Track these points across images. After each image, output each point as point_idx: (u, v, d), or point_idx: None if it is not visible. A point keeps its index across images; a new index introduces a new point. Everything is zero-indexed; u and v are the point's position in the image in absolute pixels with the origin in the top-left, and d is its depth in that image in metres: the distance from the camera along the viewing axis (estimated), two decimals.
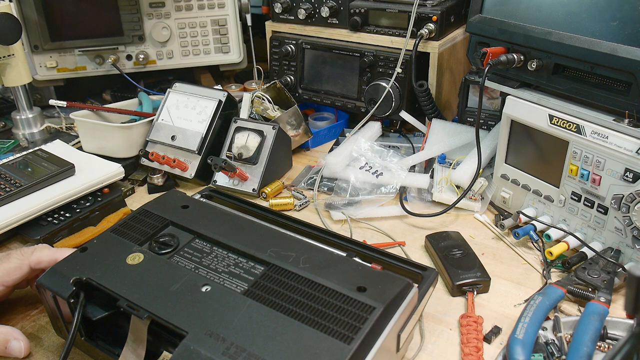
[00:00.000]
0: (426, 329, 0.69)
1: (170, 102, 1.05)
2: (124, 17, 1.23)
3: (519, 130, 0.84)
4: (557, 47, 0.74)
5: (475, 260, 0.77)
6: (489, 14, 0.83)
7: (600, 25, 0.70)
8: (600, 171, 0.73)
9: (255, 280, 0.58)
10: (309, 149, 1.17)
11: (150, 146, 1.04)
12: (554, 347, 0.62)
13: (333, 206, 0.94)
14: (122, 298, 0.56)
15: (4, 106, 1.34)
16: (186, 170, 1.01)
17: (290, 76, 1.21)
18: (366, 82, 1.11)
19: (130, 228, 0.67)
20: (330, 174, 1.02)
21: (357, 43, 1.13)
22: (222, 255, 0.62)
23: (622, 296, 0.72)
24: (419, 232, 0.88)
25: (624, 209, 0.71)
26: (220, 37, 1.29)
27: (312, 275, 0.57)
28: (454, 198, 0.91)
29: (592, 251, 0.75)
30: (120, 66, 1.26)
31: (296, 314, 0.52)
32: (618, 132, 0.70)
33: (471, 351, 0.64)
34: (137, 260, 0.61)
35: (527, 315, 0.64)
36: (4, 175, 0.91)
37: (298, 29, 1.20)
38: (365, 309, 0.52)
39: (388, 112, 1.09)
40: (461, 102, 1.05)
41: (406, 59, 1.06)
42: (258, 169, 0.99)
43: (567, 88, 0.76)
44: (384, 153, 1.04)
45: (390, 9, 1.07)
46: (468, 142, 1.00)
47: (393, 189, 0.96)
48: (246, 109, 1.08)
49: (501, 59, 0.79)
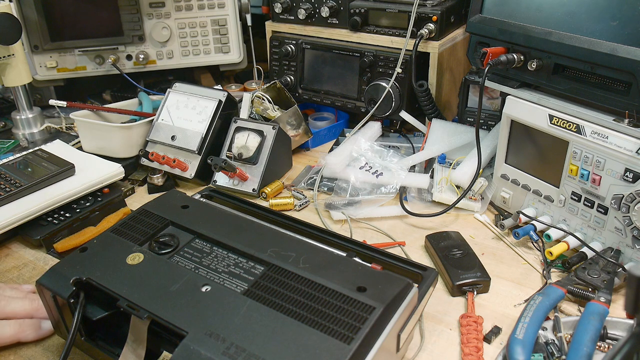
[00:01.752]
0: (426, 329, 0.69)
1: (170, 102, 1.05)
2: (124, 17, 1.23)
3: (519, 130, 0.84)
4: (557, 47, 0.74)
5: (475, 260, 0.77)
6: (489, 14, 0.83)
7: (600, 25, 0.70)
8: (600, 171, 0.73)
9: (255, 280, 0.58)
10: (309, 149, 1.17)
11: (150, 146, 1.04)
12: (554, 347, 0.62)
13: (333, 206, 0.94)
14: (122, 298, 0.56)
15: (4, 106, 1.34)
16: (186, 170, 1.01)
17: (290, 76, 1.21)
18: (366, 82, 1.11)
19: (130, 228, 0.67)
20: (330, 174, 1.02)
21: (357, 43, 1.13)
22: (222, 255, 0.62)
23: (622, 296, 0.72)
24: (419, 232, 0.88)
25: (624, 209, 0.71)
26: (220, 37, 1.29)
27: (312, 275, 0.57)
28: (454, 198, 0.91)
29: (592, 251, 0.75)
30: (120, 66, 1.26)
31: (296, 314, 0.52)
32: (618, 132, 0.70)
33: (471, 351, 0.64)
34: (137, 260, 0.61)
35: (527, 315, 0.63)
36: (4, 175, 0.92)
37: (298, 29, 1.20)
38: (365, 309, 0.52)
39: (388, 112, 1.09)
40: (461, 102, 1.05)
41: (406, 59, 1.06)
42: (258, 169, 0.99)
43: (567, 88, 0.76)
44: (384, 153, 1.04)
45: (390, 9, 1.07)
46: (468, 142, 1.00)
47: (393, 189, 0.96)
48: (246, 109, 1.08)
49: (501, 59, 0.79)
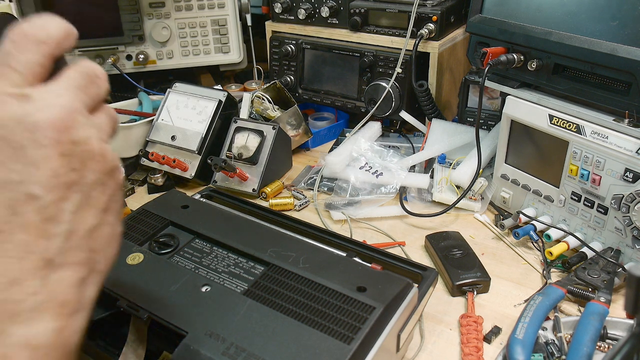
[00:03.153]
0: (426, 329, 0.69)
1: (170, 102, 1.05)
2: (124, 17, 1.23)
3: (519, 130, 0.84)
4: (557, 47, 0.74)
5: (475, 260, 0.77)
6: (489, 14, 0.83)
7: (600, 25, 0.70)
8: (600, 171, 0.73)
9: (255, 280, 0.58)
10: (309, 149, 1.17)
11: (150, 146, 1.04)
12: (554, 347, 0.62)
13: (333, 206, 0.94)
14: (122, 298, 0.56)
15: None
16: (186, 170, 1.01)
17: (290, 76, 1.21)
18: (366, 82, 1.11)
19: (130, 228, 0.67)
20: (330, 174, 1.02)
21: (357, 43, 1.13)
22: (222, 255, 0.62)
23: (622, 296, 0.72)
24: (419, 232, 0.88)
25: (624, 209, 0.71)
26: (220, 37, 1.29)
27: (312, 275, 0.57)
28: (454, 198, 0.91)
29: (592, 251, 0.75)
30: (120, 66, 1.26)
31: (296, 314, 0.52)
32: (618, 132, 0.70)
33: (471, 351, 0.64)
34: (137, 260, 0.61)
35: (527, 315, 0.63)
36: None
37: (298, 29, 1.20)
38: (365, 309, 0.52)
39: (388, 112, 1.09)
40: (461, 102, 1.05)
41: (406, 59, 1.06)
42: (258, 169, 0.99)
43: (567, 88, 0.76)
44: (384, 153, 1.04)
45: (390, 9, 1.07)
46: (468, 142, 1.00)
47: (393, 189, 0.96)
48: (246, 109, 1.08)
49: (501, 59, 0.79)
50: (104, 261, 0.35)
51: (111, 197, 0.35)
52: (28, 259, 0.29)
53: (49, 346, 0.29)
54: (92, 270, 0.33)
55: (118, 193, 0.36)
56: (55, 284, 0.30)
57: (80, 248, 0.32)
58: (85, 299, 0.33)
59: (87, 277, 0.33)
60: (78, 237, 0.32)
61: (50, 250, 0.30)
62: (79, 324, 0.32)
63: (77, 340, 0.32)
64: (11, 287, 0.28)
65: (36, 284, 0.29)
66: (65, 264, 0.31)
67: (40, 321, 0.29)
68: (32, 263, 0.29)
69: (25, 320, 0.29)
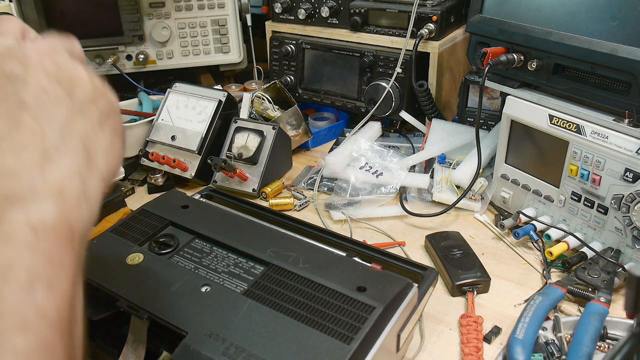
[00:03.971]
0: (426, 329, 0.69)
1: (170, 102, 1.05)
2: (124, 17, 1.23)
3: (519, 130, 0.84)
4: (557, 47, 0.74)
5: (475, 260, 0.77)
6: (489, 14, 0.83)
7: (600, 25, 0.70)
8: (600, 171, 0.73)
9: (255, 280, 0.58)
10: (309, 149, 1.17)
11: (150, 146, 1.04)
12: (554, 347, 0.62)
13: (333, 206, 0.94)
14: (122, 298, 0.56)
15: None
16: (186, 170, 1.01)
17: (290, 76, 1.21)
18: (366, 82, 1.11)
19: (130, 228, 0.67)
20: (330, 174, 1.02)
21: (357, 43, 1.13)
22: (222, 255, 0.62)
23: (622, 296, 0.72)
24: (419, 232, 0.88)
25: (624, 209, 0.71)
26: (220, 37, 1.29)
27: (312, 275, 0.57)
28: (454, 198, 0.91)
29: (592, 251, 0.75)
30: (120, 66, 1.26)
31: (296, 314, 0.52)
32: (618, 132, 0.70)
33: (471, 351, 0.64)
34: (137, 260, 0.61)
35: (527, 315, 0.63)
36: None
37: (298, 29, 1.20)
38: (365, 309, 0.52)
39: (388, 112, 1.09)
40: (461, 102, 1.05)
41: (406, 59, 1.06)
42: (258, 169, 0.99)
43: (567, 88, 0.76)
44: (384, 153, 1.04)
45: (390, 9, 1.07)
46: (468, 142, 1.00)
47: (393, 189, 0.96)
48: (246, 109, 1.08)
49: (501, 59, 0.79)
50: (103, 161, 0.36)
51: (104, 114, 0.38)
52: (24, 153, 0.31)
53: (52, 228, 0.30)
54: (90, 165, 0.35)
55: (113, 114, 0.39)
56: (53, 173, 0.32)
57: (74, 145, 0.34)
58: (88, 193, 0.34)
59: (85, 170, 0.34)
60: (72, 136, 0.34)
61: (45, 144, 0.32)
62: (84, 213, 0.33)
63: (83, 230, 0.33)
64: (10, 176, 0.30)
65: (34, 174, 0.31)
66: (61, 156, 0.33)
67: (41, 203, 0.30)
68: (29, 155, 0.31)
69: (26, 202, 0.30)
